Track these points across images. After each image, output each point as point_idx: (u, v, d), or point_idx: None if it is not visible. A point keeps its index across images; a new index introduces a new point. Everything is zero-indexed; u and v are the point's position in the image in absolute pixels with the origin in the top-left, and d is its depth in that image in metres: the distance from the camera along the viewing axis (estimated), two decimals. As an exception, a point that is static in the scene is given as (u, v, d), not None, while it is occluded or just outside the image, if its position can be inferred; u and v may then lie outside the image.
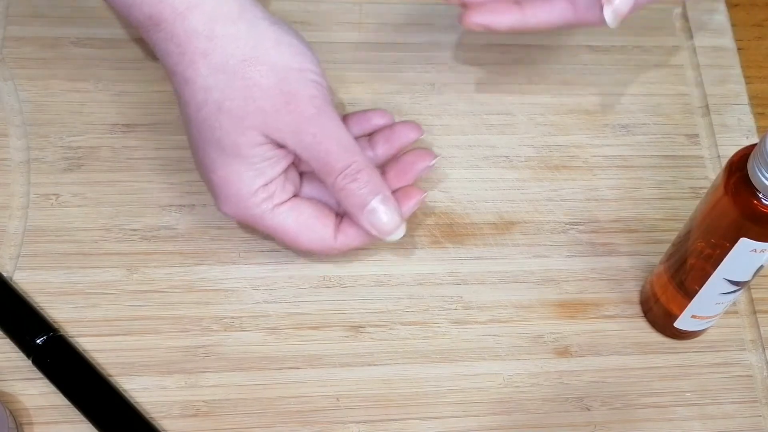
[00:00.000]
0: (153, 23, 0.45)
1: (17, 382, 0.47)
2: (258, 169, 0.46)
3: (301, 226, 0.47)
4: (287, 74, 0.45)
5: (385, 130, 0.51)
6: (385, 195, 0.47)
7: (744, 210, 0.41)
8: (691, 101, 0.59)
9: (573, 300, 0.52)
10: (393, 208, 0.47)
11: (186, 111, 0.46)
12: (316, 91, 0.46)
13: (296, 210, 0.47)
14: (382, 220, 0.47)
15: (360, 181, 0.46)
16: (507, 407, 0.49)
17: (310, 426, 0.48)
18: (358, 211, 0.47)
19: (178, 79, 0.46)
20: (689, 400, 0.50)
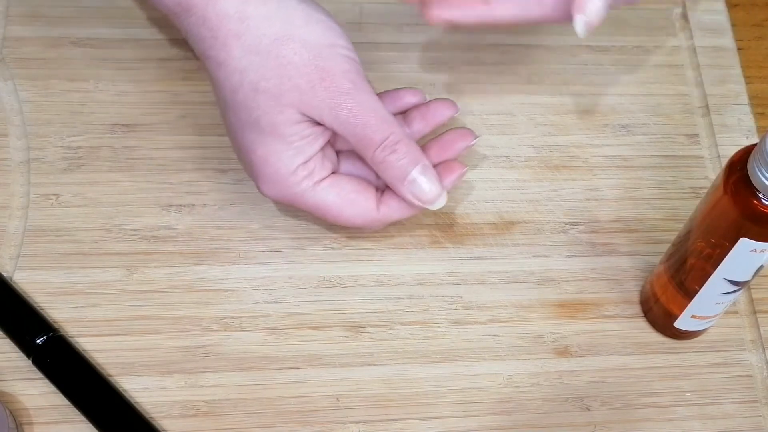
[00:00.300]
0: (183, 9, 0.45)
1: (17, 382, 0.47)
2: (297, 148, 0.46)
3: (343, 200, 0.48)
4: (320, 51, 0.45)
5: (420, 107, 0.51)
6: (424, 164, 0.47)
7: (744, 210, 0.41)
8: (691, 101, 0.59)
9: (573, 300, 0.52)
10: (433, 177, 0.47)
11: (222, 94, 0.46)
12: (348, 65, 0.46)
13: (337, 186, 0.47)
14: (423, 189, 0.47)
15: (399, 152, 0.46)
16: (507, 407, 0.49)
17: (310, 426, 0.48)
18: (398, 183, 0.47)
19: (211, 63, 0.46)
20: (689, 400, 0.50)
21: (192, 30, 0.45)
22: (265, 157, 0.46)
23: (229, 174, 0.54)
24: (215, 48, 0.45)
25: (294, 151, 0.46)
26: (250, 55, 0.44)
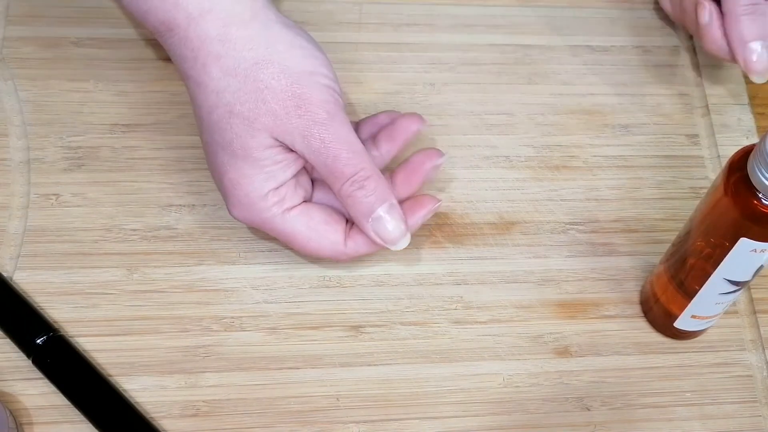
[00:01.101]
0: (167, 28, 0.45)
1: (17, 382, 0.47)
2: (268, 173, 0.46)
3: (311, 231, 0.47)
4: (299, 77, 0.45)
5: (387, 127, 0.51)
6: (391, 204, 0.47)
7: (744, 210, 0.41)
8: (691, 101, 0.59)
9: (573, 300, 0.52)
10: (398, 217, 0.47)
11: (199, 114, 0.46)
12: (328, 95, 0.46)
13: (306, 215, 0.47)
14: (387, 229, 0.47)
15: (367, 188, 0.46)
16: (507, 407, 0.49)
17: (310, 426, 0.48)
18: (363, 219, 0.47)
19: (191, 84, 0.46)
20: (689, 400, 0.50)
21: (174, 50, 0.46)
22: (237, 180, 0.46)
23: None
24: (195, 69, 0.45)
25: (265, 176, 0.46)
26: (229, 77, 0.45)
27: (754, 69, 0.53)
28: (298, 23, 0.59)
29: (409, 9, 0.60)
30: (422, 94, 0.58)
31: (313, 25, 0.59)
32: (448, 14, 0.61)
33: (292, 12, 0.60)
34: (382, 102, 0.57)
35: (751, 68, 0.53)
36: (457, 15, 0.61)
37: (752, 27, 0.52)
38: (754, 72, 0.53)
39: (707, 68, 0.60)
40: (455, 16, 0.61)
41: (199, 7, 0.44)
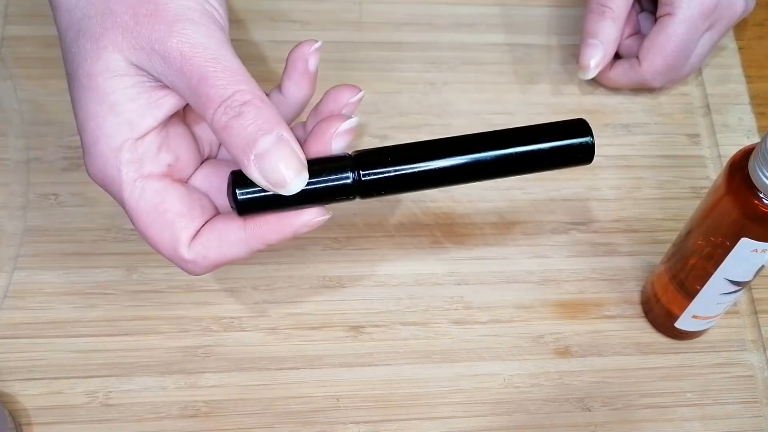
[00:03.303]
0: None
1: (17, 382, 0.47)
2: (122, 115, 0.36)
3: (156, 216, 0.38)
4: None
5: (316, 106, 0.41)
6: (279, 135, 0.36)
7: (745, 210, 0.41)
8: (692, 101, 0.59)
9: (574, 300, 0.52)
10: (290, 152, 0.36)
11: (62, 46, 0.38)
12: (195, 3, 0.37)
13: (161, 194, 0.38)
14: (275, 166, 0.36)
15: (246, 116, 0.36)
16: (507, 408, 0.49)
17: (310, 426, 0.48)
18: (243, 156, 0.36)
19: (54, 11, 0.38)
20: (690, 401, 0.50)
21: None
22: (85, 121, 0.37)
23: (229, 174, 0.53)
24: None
25: (118, 119, 0.36)
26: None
27: (581, 62, 0.55)
28: (297, 23, 0.59)
29: (409, 8, 0.60)
30: (422, 94, 0.58)
31: (313, 24, 0.59)
32: (448, 14, 0.61)
33: (292, 11, 0.59)
34: (382, 102, 0.57)
35: (581, 61, 0.56)
36: (457, 15, 0.61)
37: (594, 25, 0.55)
38: (580, 65, 0.56)
39: (708, 68, 0.60)
40: (455, 15, 0.61)
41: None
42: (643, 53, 0.56)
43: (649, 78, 0.56)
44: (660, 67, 0.55)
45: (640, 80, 0.57)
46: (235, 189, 0.37)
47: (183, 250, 0.38)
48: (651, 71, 0.56)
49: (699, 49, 0.56)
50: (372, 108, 0.57)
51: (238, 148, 0.36)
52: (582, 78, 0.56)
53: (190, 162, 0.40)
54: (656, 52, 0.55)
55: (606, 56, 0.56)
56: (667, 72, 0.56)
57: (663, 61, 0.55)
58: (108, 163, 0.37)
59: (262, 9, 0.60)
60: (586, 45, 0.55)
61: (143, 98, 0.37)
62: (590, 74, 0.56)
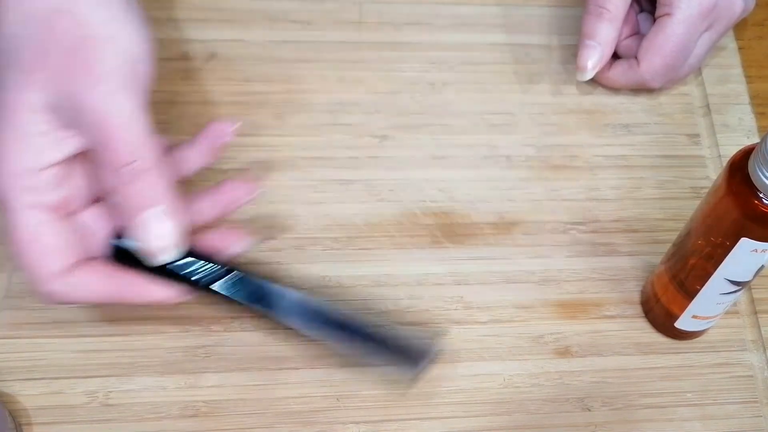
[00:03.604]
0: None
1: (17, 382, 0.47)
2: (31, 146, 0.39)
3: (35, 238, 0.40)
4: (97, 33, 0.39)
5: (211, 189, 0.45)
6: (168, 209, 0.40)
7: (745, 210, 0.41)
8: (692, 101, 0.59)
9: (574, 300, 0.52)
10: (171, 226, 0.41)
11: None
12: (125, 65, 0.40)
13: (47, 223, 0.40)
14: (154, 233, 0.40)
15: (141, 183, 0.40)
16: (507, 408, 0.49)
17: (310, 426, 0.48)
18: (129, 218, 0.40)
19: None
20: (690, 401, 0.50)
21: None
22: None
23: (229, 174, 0.54)
24: None
25: (25, 148, 0.39)
26: (24, 22, 0.39)
27: (579, 63, 0.56)
28: (298, 23, 0.59)
29: (409, 8, 0.60)
30: (423, 94, 0.58)
31: (313, 24, 0.59)
32: (448, 14, 0.61)
33: (292, 11, 0.60)
34: (382, 102, 0.57)
35: (578, 62, 0.56)
36: (457, 15, 0.61)
37: (591, 26, 0.56)
38: (577, 66, 0.56)
39: (708, 68, 0.60)
40: (455, 15, 0.61)
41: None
42: (642, 53, 0.56)
43: (647, 78, 0.56)
44: (658, 67, 0.56)
45: (639, 80, 0.57)
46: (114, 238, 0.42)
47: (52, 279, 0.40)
48: (650, 71, 0.56)
49: (698, 50, 0.56)
50: (372, 108, 0.57)
51: (127, 209, 0.40)
52: (579, 79, 0.57)
53: (84, 199, 0.42)
54: (655, 53, 0.55)
55: (603, 57, 0.56)
56: (666, 72, 0.56)
57: (662, 61, 0.55)
58: (6, 184, 0.39)
59: (262, 9, 0.60)
60: (583, 46, 0.56)
61: (52, 135, 0.39)
62: (587, 75, 0.56)
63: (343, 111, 0.56)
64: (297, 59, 0.58)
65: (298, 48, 0.58)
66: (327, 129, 0.56)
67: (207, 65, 0.57)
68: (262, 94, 0.57)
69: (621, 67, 0.57)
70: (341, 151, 0.55)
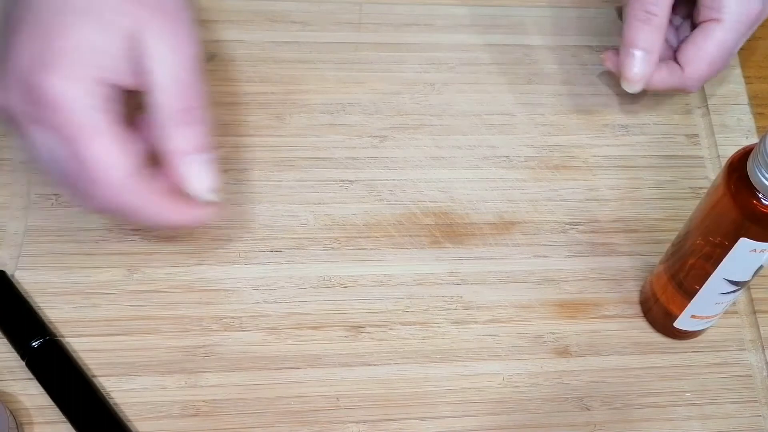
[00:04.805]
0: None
1: (17, 382, 0.47)
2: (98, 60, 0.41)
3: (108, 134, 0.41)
4: None
5: None
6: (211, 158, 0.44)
7: (744, 210, 0.41)
8: (691, 101, 0.59)
9: (573, 300, 0.52)
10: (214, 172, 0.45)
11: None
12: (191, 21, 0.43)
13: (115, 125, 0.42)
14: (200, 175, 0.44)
15: (196, 128, 0.43)
16: (507, 407, 0.49)
17: (310, 426, 0.48)
18: (179, 155, 0.43)
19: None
20: (689, 400, 0.50)
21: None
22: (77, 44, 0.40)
23: (230, 174, 0.54)
24: None
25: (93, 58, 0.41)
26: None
27: (627, 75, 0.53)
28: (298, 23, 0.59)
29: (409, 9, 0.61)
30: (422, 94, 0.58)
31: (313, 25, 0.59)
32: (448, 14, 0.61)
33: (292, 12, 0.60)
34: (382, 102, 0.57)
35: (626, 73, 0.53)
36: (457, 15, 0.61)
37: (639, 34, 0.52)
38: (626, 78, 0.53)
39: (707, 68, 0.60)
40: (455, 16, 0.61)
41: None
42: (688, 59, 0.53)
43: (690, 84, 0.54)
44: (705, 74, 0.53)
45: (679, 86, 0.54)
46: None
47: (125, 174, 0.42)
48: (695, 78, 0.53)
49: None
50: (372, 108, 0.57)
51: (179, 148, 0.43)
52: (627, 90, 0.54)
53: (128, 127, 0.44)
54: (703, 59, 0.53)
55: (651, 67, 0.53)
56: (708, 79, 0.54)
57: (709, 69, 0.53)
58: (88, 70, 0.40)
59: (262, 9, 0.60)
60: (628, 55, 0.53)
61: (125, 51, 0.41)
62: (636, 87, 0.53)
63: (343, 111, 0.56)
64: (297, 60, 0.58)
65: (298, 48, 0.58)
66: (327, 129, 0.56)
67: (207, 66, 0.57)
68: (262, 94, 0.57)
69: (661, 72, 0.54)
70: (341, 152, 0.55)
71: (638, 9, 0.52)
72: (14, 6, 0.42)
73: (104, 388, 0.47)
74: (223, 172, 0.53)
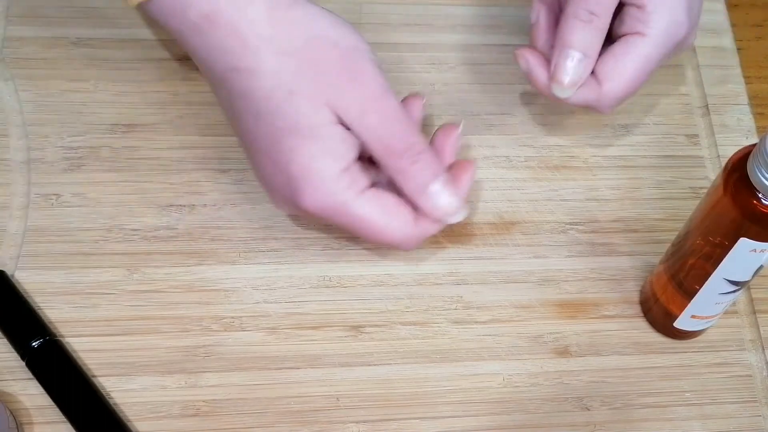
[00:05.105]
0: (209, 21, 0.44)
1: (17, 382, 0.47)
2: (337, 152, 0.45)
3: (386, 214, 0.46)
4: (349, 52, 0.45)
5: None
6: (446, 178, 0.46)
7: (743, 210, 0.41)
8: (691, 101, 0.59)
9: (573, 300, 0.52)
10: (453, 191, 0.46)
11: (253, 106, 0.45)
12: (377, 70, 0.45)
13: (381, 197, 0.46)
14: (445, 201, 0.46)
15: (421, 162, 0.45)
16: (507, 407, 0.49)
17: (310, 426, 0.48)
18: (419, 194, 0.46)
19: (241, 75, 0.44)
20: (689, 400, 0.50)
21: (217, 45, 0.44)
22: (307, 163, 0.44)
23: (229, 174, 0.54)
24: (245, 57, 0.44)
25: (335, 156, 0.45)
26: (283, 57, 0.44)
27: (560, 77, 0.48)
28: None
29: (409, 9, 0.61)
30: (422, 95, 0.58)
31: (313, 25, 0.59)
32: (448, 14, 0.61)
33: (292, 12, 0.59)
34: (382, 102, 0.57)
35: (558, 75, 0.48)
36: (457, 15, 0.61)
37: (580, 35, 0.48)
38: (558, 80, 0.49)
39: (707, 68, 0.60)
40: (455, 16, 0.61)
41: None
42: (607, 74, 0.49)
43: (605, 104, 0.50)
44: (623, 92, 0.49)
45: (593, 103, 0.50)
46: None
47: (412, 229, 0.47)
48: (611, 96, 0.49)
49: None
50: (372, 108, 0.57)
51: (416, 187, 0.46)
52: (557, 94, 0.49)
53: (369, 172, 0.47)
54: (623, 75, 0.49)
55: (586, 72, 0.49)
56: (626, 98, 0.50)
57: (628, 86, 0.49)
58: (333, 189, 0.45)
59: (262, 9, 0.60)
60: (565, 56, 0.48)
61: (348, 138, 0.45)
62: (567, 92, 0.49)
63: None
64: (297, 60, 0.58)
65: (298, 48, 0.58)
66: (327, 129, 0.56)
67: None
68: (262, 94, 0.57)
69: None
70: (341, 152, 0.55)
71: (580, 8, 0.48)
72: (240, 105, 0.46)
73: (104, 388, 0.48)
74: (223, 172, 0.54)
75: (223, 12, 0.44)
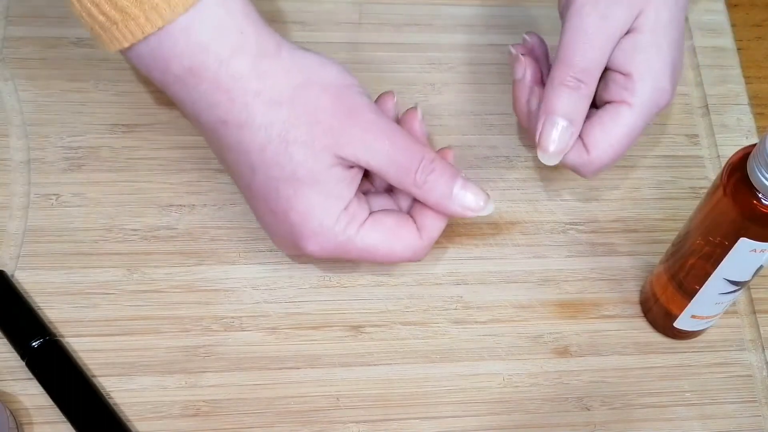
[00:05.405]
0: (193, 75, 0.42)
1: (17, 382, 0.47)
2: (336, 194, 0.45)
3: (389, 238, 0.46)
4: (340, 91, 0.45)
5: None
6: (462, 176, 0.46)
7: (744, 210, 0.41)
8: (691, 101, 0.59)
9: (573, 300, 0.52)
10: (474, 186, 0.46)
11: (247, 159, 0.44)
12: (367, 100, 0.46)
13: (379, 223, 0.46)
14: (470, 200, 0.46)
15: (438, 170, 0.45)
16: (507, 407, 0.49)
17: (310, 426, 0.48)
18: (445, 200, 0.46)
19: (230, 128, 0.44)
20: (689, 400, 0.50)
21: (203, 98, 0.43)
22: (307, 211, 0.45)
23: (229, 174, 0.54)
24: (233, 111, 0.43)
25: (334, 199, 0.45)
26: (273, 107, 0.43)
27: (545, 145, 0.47)
28: (297, 23, 0.59)
29: (409, 9, 0.61)
30: (422, 94, 0.58)
31: (313, 25, 0.59)
32: (448, 14, 0.61)
33: (291, 12, 0.60)
34: (382, 102, 0.57)
35: (544, 142, 0.47)
36: (457, 15, 0.61)
37: (566, 101, 0.47)
38: (544, 148, 0.48)
39: (707, 68, 0.60)
40: (455, 16, 0.61)
41: (229, 47, 0.42)
42: (594, 142, 0.48)
43: (589, 170, 0.49)
44: (608, 161, 0.48)
45: (578, 167, 0.49)
46: None
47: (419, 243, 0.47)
48: (596, 164, 0.48)
49: None
50: (372, 108, 0.57)
51: (441, 195, 0.46)
52: (542, 161, 0.48)
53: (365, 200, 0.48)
54: (611, 144, 0.48)
55: (573, 140, 0.48)
56: (611, 165, 0.49)
57: (614, 155, 0.48)
58: (334, 232, 0.45)
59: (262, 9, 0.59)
60: (551, 123, 0.47)
61: (346, 177, 0.45)
62: (553, 160, 0.48)
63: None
64: (297, 59, 0.58)
65: (298, 48, 0.58)
66: (327, 129, 0.56)
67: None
68: (262, 94, 0.57)
69: None
70: (341, 152, 0.55)
71: (567, 74, 0.47)
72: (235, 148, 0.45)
73: (104, 388, 0.48)
74: (223, 172, 0.53)
75: (206, 66, 0.42)
